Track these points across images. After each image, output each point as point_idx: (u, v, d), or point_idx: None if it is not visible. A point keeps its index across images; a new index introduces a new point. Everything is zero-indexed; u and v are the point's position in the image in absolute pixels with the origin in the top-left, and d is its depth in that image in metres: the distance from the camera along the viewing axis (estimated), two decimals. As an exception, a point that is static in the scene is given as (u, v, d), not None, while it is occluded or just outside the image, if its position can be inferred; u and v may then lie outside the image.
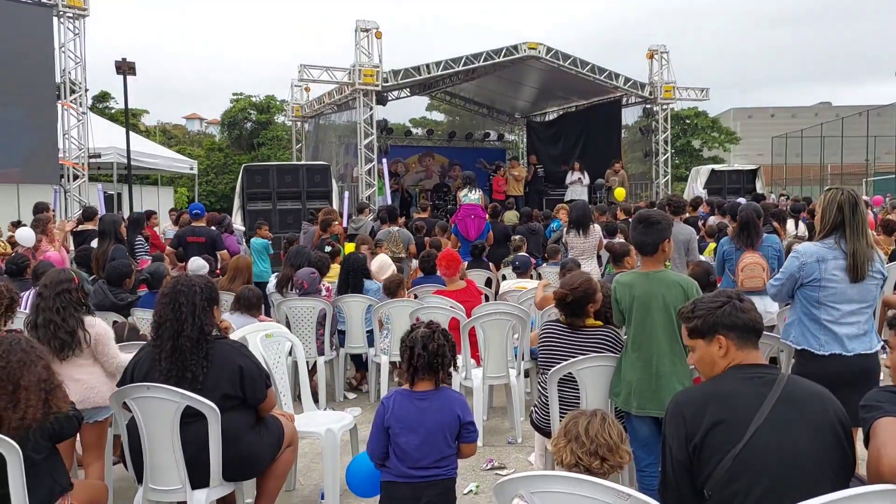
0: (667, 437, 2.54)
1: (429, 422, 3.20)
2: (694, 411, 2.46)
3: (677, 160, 33.28)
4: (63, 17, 14.85)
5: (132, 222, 9.77)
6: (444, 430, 3.22)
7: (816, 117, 54.11)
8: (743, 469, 2.32)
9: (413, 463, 3.19)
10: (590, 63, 18.65)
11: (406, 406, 3.23)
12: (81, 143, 15.43)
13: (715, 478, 2.35)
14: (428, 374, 3.25)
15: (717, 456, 2.35)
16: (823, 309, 3.76)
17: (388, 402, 3.27)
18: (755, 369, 2.54)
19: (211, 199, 33.40)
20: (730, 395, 2.46)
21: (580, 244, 8.73)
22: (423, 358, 3.21)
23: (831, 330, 3.74)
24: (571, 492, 2.20)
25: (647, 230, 3.83)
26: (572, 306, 4.24)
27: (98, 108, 31.27)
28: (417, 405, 3.23)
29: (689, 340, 2.72)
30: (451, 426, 3.23)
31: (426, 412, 3.21)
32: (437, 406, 3.23)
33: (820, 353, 3.75)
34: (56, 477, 3.13)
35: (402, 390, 3.31)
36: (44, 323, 3.95)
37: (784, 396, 2.41)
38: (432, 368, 3.23)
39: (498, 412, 6.42)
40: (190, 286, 3.63)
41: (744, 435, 2.34)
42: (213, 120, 48.60)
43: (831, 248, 3.76)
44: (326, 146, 21.58)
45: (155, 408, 3.49)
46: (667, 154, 20.64)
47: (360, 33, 16.82)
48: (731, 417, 2.39)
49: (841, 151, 31.67)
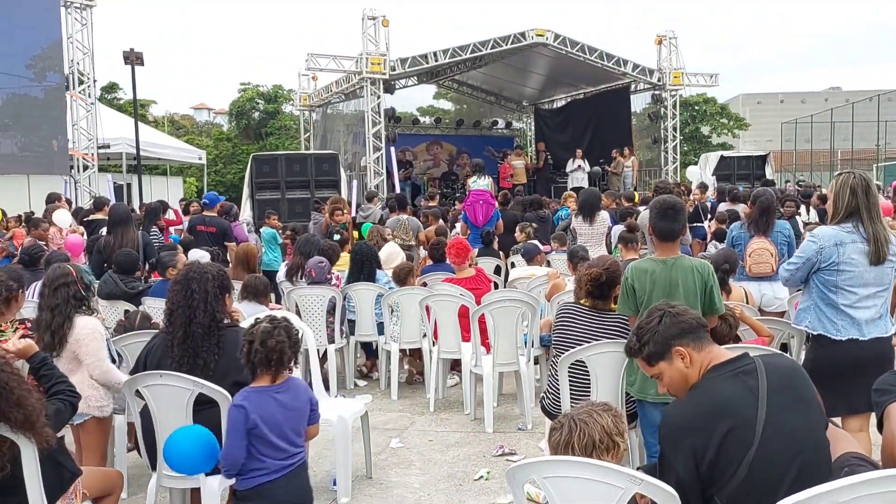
0: (667, 457, 2.43)
1: (291, 412, 3.22)
2: (699, 427, 2.36)
3: (686, 147, 33.06)
4: (71, 7, 14.87)
5: (148, 212, 9.86)
6: (301, 417, 3.28)
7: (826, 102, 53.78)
8: (758, 474, 2.29)
9: (286, 455, 3.20)
10: (598, 49, 18.56)
11: (266, 402, 3.17)
12: (91, 134, 15.49)
13: (731, 487, 2.30)
14: (266, 370, 3.18)
15: (733, 466, 2.29)
16: (841, 293, 3.72)
17: (246, 404, 3.15)
18: (729, 365, 2.47)
19: (220, 189, 33.38)
20: (727, 400, 2.38)
21: (587, 231, 8.70)
22: (260, 353, 3.14)
23: (848, 314, 3.71)
24: (584, 476, 2.20)
25: (676, 216, 3.79)
26: (603, 287, 4.21)
27: (106, 98, 31.30)
28: (277, 398, 3.19)
29: (651, 370, 2.62)
30: (306, 413, 3.30)
31: (287, 403, 3.21)
32: (292, 395, 3.24)
33: (837, 339, 3.72)
34: (64, 462, 3.15)
35: (252, 388, 3.22)
36: (38, 322, 3.97)
37: (772, 385, 2.36)
38: (269, 364, 3.16)
39: (508, 399, 6.43)
40: (202, 273, 3.66)
41: (753, 438, 2.29)
42: (221, 110, 48.69)
43: (850, 231, 3.73)
44: (334, 135, 21.58)
45: (167, 395, 3.52)
46: (676, 141, 20.55)
47: (367, 21, 16.77)
48: (739, 422, 2.32)
49: (851, 136, 31.38)
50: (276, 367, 3.17)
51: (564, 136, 22.35)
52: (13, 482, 2.83)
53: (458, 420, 6.01)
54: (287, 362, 3.20)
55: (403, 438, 5.52)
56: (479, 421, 5.83)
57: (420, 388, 6.88)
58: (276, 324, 3.20)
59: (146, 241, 7.87)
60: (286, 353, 3.17)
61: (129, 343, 4.54)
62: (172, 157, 21.39)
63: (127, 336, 4.64)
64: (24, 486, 2.88)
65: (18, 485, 2.86)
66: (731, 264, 5.53)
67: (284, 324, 3.23)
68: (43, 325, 3.96)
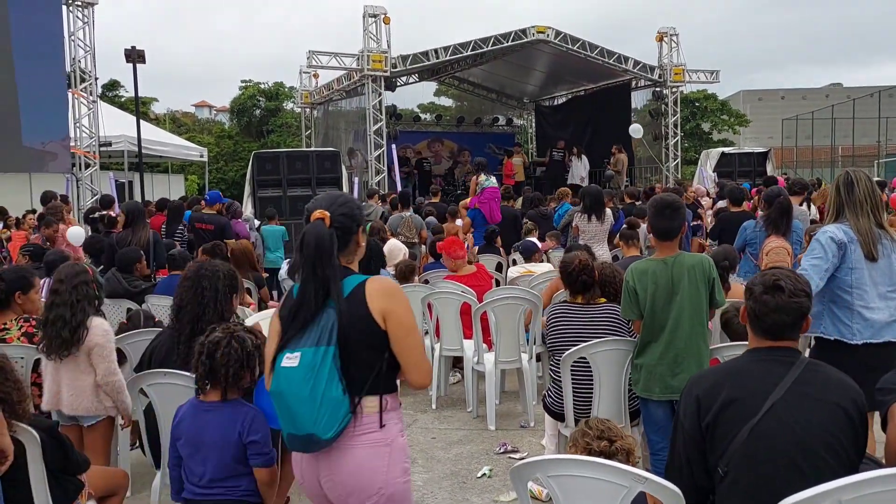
0: (679, 415, 2.56)
1: (209, 436, 2.92)
2: (707, 390, 2.47)
3: (687, 143, 33.00)
4: (72, 5, 14.86)
5: (172, 210, 9.92)
6: (225, 447, 2.92)
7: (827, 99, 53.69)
8: (759, 441, 2.33)
9: (196, 479, 2.95)
10: (599, 46, 18.53)
11: (190, 417, 2.97)
12: (92, 132, 15.47)
13: (731, 452, 2.36)
14: (213, 384, 2.97)
15: (733, 431, 2.36)
16: (856, 293, 3.67)
17: (178, 412, 3.03)
18: (772, 352, 2.52)
19: (221, 187, 33.38)
20: (744, 375, 2.47)
21: (593, 229, 8.69)
22: (205, 366, 2.94)
23: (864, 315, 3.66)
24: (589, 475, 2.21)
25: (673, 215, 3.80)
26: (577, 278, 4.41)
27: (107, 96, 31.30)
28: (201, 417, 2.96)
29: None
30: (233, 444, 2.92)
31: (208, 425, 2.93)
32: (219, 420, 2.94)
33: (853, 343, 3.66)
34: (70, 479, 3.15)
35: (193, 400, 3.04)
36: (54, 320, 3.82)
37: (802, 378, 2.40)
38: (215, 378, 2.94)
39: (510, 396, 6.44)
40: (214, 271, 3.65)
41: (759, 409, 2.34)
42: (223, 107, 48.57)
43: (847, 229, 3.72)
44: (336, 132, 21.57)
45: (171, 393, 3.52)
46: (676, 137, 20.53)
47: (369, 19, 16.75)
48: (746, 396, 2.40)
49: (852, 133, 31.35)
50: (223, 381, 2.94)
51: (565, 133, 22.34)
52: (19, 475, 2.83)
53: (461, 417, 6.02)
54: (233, 378, 2.94)
55: (406, 436, 5.52)
56: (482, 418, 5.84)
57: (422, 385, 6.88)
58: (228, 333, 2.99)
59: (156, 239, 7.90)
60: (231, 367, 2.92)
61: (133, 341, 4.55)
62: (174, 155, 21.35)
63: (131, 334, 4.65)
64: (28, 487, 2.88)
65: (23, 485, 2.86)
66: (730, 261, 5.54)
67: (239, 334, 3.00)
68: (60, 322, 3.80)
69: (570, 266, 4.43)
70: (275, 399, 2.39)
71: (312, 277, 2.39)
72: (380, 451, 2.46)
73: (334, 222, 2.44)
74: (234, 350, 2.92)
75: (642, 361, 3.82)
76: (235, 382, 2.96)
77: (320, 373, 2.30)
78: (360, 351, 2.39)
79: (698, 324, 3.72)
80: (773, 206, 6.28)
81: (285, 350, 2.37)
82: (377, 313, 2.41)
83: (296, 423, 2.33)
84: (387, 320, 2.41)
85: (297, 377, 2.30)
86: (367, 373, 2.40)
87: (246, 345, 2.97)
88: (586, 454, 2.62)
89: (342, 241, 2.48)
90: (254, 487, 2.97)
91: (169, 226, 9.59)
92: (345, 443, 2.40)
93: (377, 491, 2.43)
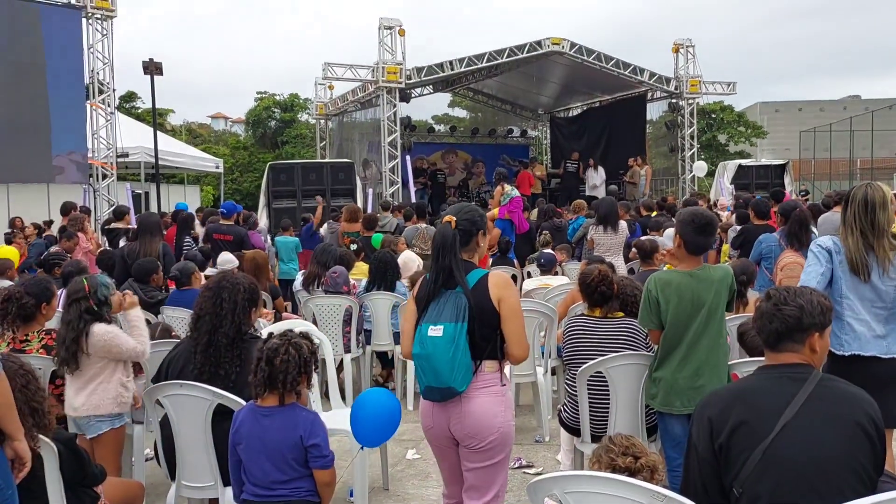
0: (692, 437, 2.53)
1: (270, 440, 3.04)
2: (719, 412, 2.45)
3: (703, 155, 32.90)
4: (91, 18, 15.03)
5: (181, 222, 9.94)
6: (286, 450, 3.04)
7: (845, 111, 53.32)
8: (773, 463, 2.30)
9: (258, 481, 3.05)
10: (614, 58, 18.52)
11: (249, 422, 3.08)
12: (110, 143, 15.62)
13: (745, 473, 2.33)
14: (271, 390, 3.06)
15: (746, 453, 2.34)
16: (846, 303, 3.63)
17: (236, 418, 3.14)
18: (783, 369, 2.49)
19: (236, 198, 33.55)
20: (756, 396, 2.44)
21: (608, 241, 8.66)
22: (264, 372, 3.04)
23: (853, 327, 3.60)
24: (607, 492, 2.19)
25: (712, 232, 3.83)
26: (596, 290, 4.40)
27: (125, 107, 31.59)
28: (260, 422, 3.06)
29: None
30: (294, 448, 3.04)
31: (268, 430, 3.04)
32: (278, 425, 3.05)
33: (840, 354, 3.61)
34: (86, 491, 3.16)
35: (250, 405, 3.15)
36: (61, 339, 3.99)
37: (815, 395, 2.38)
38: (273, 384, 3.04)
39: (525, 410, 6.40)
40: (234, 284, 3.71)
41: (772, 431, 2.32)
42: (238, 119, 48.95)
43: (837, 240, 3.67)
44: (350, 144, 21.65)
45: (187, 405, 3.53)
46: (693, 149, 20.45)
47: (384, 31, 16.85)
48: (757, 417, 2.37)
49: (871, 145, 31.10)
50: (281, 387, 3.03)
51: (579, 145, 22.32)
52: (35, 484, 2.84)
53: (475, 431, 5.97)
54: (291, 384, 3.05)
55: (420, 449, 5.49)
56: (496, 432, 5.79)
57: (436, 398, 6.85)
58: (285, 340, 3.08)
59: (166, 251, 7.93)
60: (290, 373, 3.02)
61: (151, 353, 4.55)
62: (190, 166, 21.52)
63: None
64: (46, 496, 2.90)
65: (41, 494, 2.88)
66: (748, 275, 5.50)
67: (296, 340, 3.10)
68: (59, 339, 4.00)
69: (589, 276, 4.42)
70: (422, 360, 3.03)
71: (438, 264, 3.11)
72: (497, 400, 3.14)
73: (459, 225, 3.14)
74: (291, 356, 3.06)
75: (661, 374, 3.78)
76: (293, 387, 3.08)
77: (458, 342, 2.98)
78: (483, 327, 3.06)
79: (719, 336, 3.70)
80: (791, 219, 6.22)
81: (428, 323, 3.05)
82: (495, 299, 3.08)
83: (439, 377, 3.00)
84: (500, 305, 3.08)
85: (441, 344, 2.99)
86: (486, 343, 3.09)
87: (303, 351, 3.11)
88: (610, 470, 2.60)
89: (464, 239, 3.18)
90: (313, 488, 3.12)
91: (177, 238, 9.60)
92: (471, 394, 3.08)
93: (497, 430, 3.10)
